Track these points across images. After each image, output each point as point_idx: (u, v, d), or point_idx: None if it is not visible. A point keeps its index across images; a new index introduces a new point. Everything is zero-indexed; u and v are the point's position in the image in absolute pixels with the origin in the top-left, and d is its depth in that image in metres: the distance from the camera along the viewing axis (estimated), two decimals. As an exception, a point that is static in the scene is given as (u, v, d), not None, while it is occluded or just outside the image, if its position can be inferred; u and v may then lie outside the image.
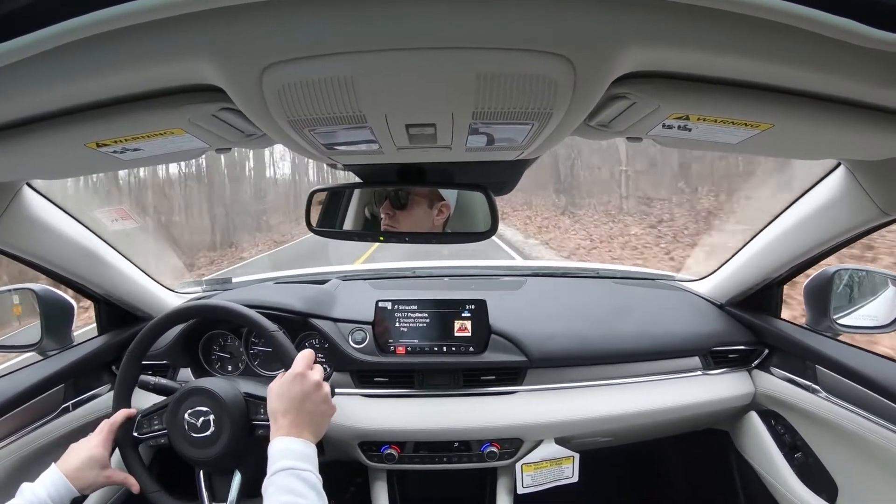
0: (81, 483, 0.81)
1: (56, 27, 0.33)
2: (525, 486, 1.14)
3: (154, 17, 0.33)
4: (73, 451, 0.84)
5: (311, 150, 0.62)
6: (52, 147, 0.57)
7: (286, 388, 0.80)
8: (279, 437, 0.75)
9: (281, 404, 0.78)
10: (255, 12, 0.34)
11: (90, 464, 0.83)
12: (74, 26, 0.33)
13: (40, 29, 0.33)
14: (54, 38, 0.34)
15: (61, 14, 0.33)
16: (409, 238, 0.93)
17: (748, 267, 1.17)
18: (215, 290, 1.42)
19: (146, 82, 0.45)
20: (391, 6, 0.34)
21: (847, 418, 0.94)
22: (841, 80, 0.44)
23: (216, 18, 0.34)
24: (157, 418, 0.92)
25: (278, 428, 0.76)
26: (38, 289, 1.13)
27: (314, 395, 0.80)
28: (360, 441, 1.11)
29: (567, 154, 13.65)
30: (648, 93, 0.48)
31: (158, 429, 0.91)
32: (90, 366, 1.14)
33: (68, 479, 0.79)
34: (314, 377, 0.82)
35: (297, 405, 0.78)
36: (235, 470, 0.87)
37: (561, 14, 0.34)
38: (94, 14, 0.32)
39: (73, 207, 1.01)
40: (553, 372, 1.15)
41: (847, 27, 0.33)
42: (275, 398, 0.79)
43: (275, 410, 0.78)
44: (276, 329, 0.92)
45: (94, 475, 0.83)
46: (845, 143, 0.64)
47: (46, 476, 0.79)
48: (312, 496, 0.69)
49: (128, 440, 0.92)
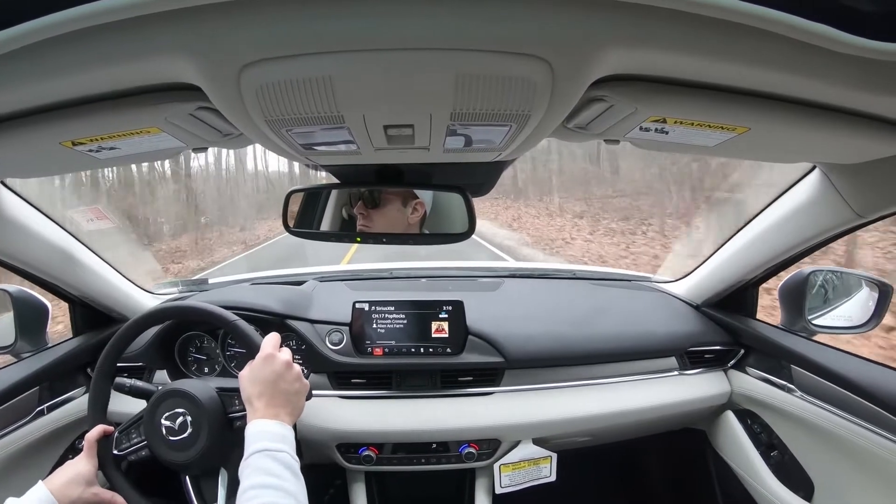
0: (67, 500, 0.79)
1: (29, 24, 0.32)
2: (503, 486, 1.15)
3: (130, 15, 0.32)
4: (62, 469, 0.83)
5: (289, 151, 0.61)
6: (27, 146, 0.56)
7: (257, 371, 0.79)
8: (255, 420, 0.74)
9: (254, 388, 0.77)
10: (233, 10, 0.33)
11: (76, 480, 0.81)
12: (48, 23, 0.32)
13: (13, 26, 0.33)
14: (27, 35, 0.33)
15: (35, 11, 0.32)
16: (386, 239, 0.92)
17: (724, 268, 1.18)
18: (192, 291, 1.41)
19: (122, 80, 0.45)
20: (370, 6, 0.34)
21: (822, 417, 0.96)
22: (817, 85, 0.44)
23: (194, 16, 0.34)
24: (135, 431, 0.90)
25: (254, 411, 0.76)
26: (12, 290, 1.11)
27: (286, 374, 0.80)
28: (338, 443, 1.11)
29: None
30: (626, 96, 0.48)
31: (137, 442, 0.89)
32: (65, 368, 1.13)
33: (54, 496, 0.78)
34: (283, 357, 0.81)
35: (271, 387, 0.78)
36: (221, 468, 0.86)
37: (539, 16, 0.34)
38: (69, 11, 0.32)
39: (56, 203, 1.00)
40: (530, 373, 1.15)
41: (823, 33, 0.33)
42: (247, 383, 0.78)
43: (249, 395, 0.77)
44: (236, 319, 0.91)
45: (80, 491, 0.81)
46: (821, 147, 0.65)
47: (32, 493, 0.77)
48: (287, 475, 0.68)
49: (108, 459, 0.89)
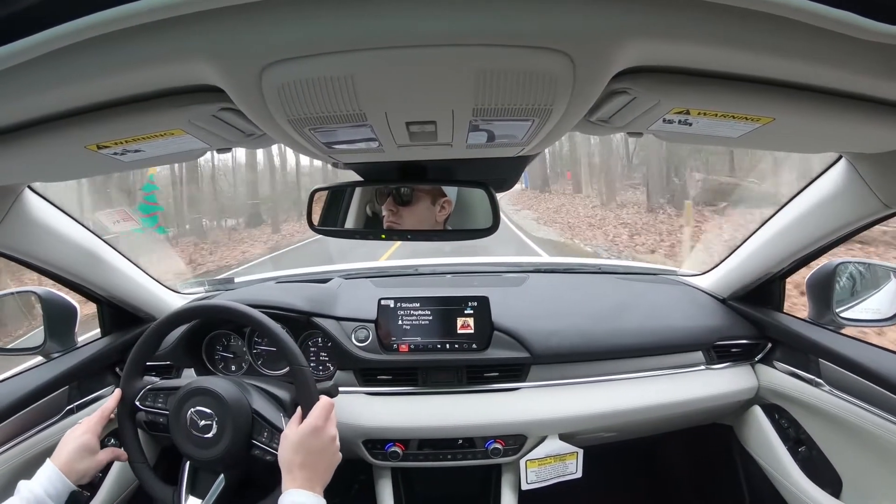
0: (76, 474, 0.81)
1: (55, 30, 0.33)
2: (529, 482, 1.14)
3: (152, 19, 0.33)
4: (64, 442, 0.84)
5: (312, 149, 0.61)
6: (53, 150, 0.57)
7: (305, 441, 0.79)
8: (294, 490, 0.75)
9: (298, 456, 0.78)
10: (252, 12, 0.34)
11: (81, 453, 0.83)
12: (73, 29, 0.33)
13: (39, 32, 0.33)
14: (53, 41, 0.34)
15: (60, 17, 0.33)
16: (411, 235, 0.92)
17: (751, 261, 1.17)
18: (218, 290, 1.42)
19: (146, 84, 0.45)
20: (389, 4, 0.34)
21: (851, 412, 0.94)
22: (841, 73, 0.43)
23: (214, 19, 0.34)
24: (163, 398, 0.93)
25: (293, 479, 0.76)
26: (42, 291, 1.13)
27: (330, 448, 0.81)
28: (365, 439, 1.12)
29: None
30: (649, 88, 0.47)
31: (161, 408, 0.92)
32: (94, 368, 1.14)
33: (62, 472, 0.80)
34: (331, 431, 0.82)
35: (315, 460, 0.79)
36: (221, 474, 0.87)
37: (559, 9, 0.34)
38: (93, 16, 0.32)
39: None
40: (556, 368, 1.15)
41: (847, 20, 0.33)
42: (291, 451, 0.79)
43: (290, 462, 0.78)
44: (305, 365, 0.89)
45: (87, 464, 0.83)
46: (846, 137, 0.64)
47: (42, 472, 0.79)
48: None
49: (127, 408, 0.93)
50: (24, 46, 0.34)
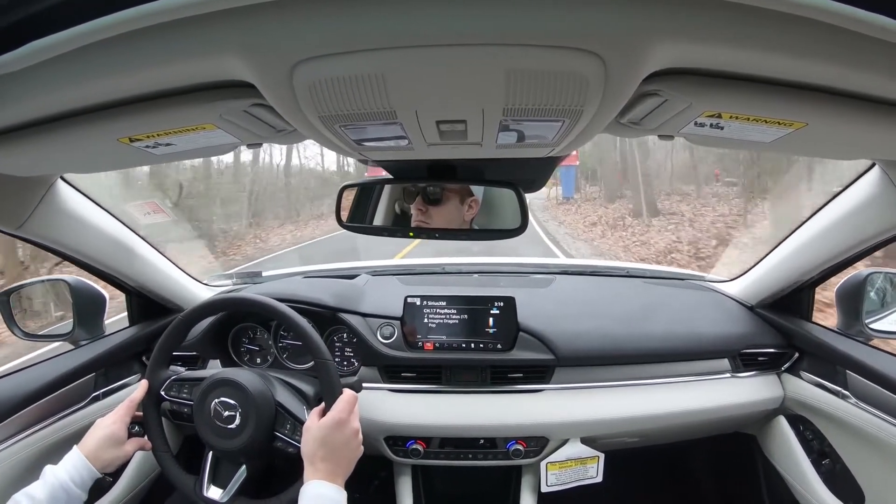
0: (102, 463, 0.82)
1: (92, 24, 0.34)
2: (549, 484, 1.14)
3: (185, 15, 0.33)
4: (92, 431, 0.86)
5: (342, 146, 0.62)
6: (86, 142, 0.57)
7: (327, 434, 0.80)
8: (315, 481, 0.76)
9: (321, 450, 0.78)
10: (284, 8, 0.34)
11: (108, 442, 0.84)
12: (107, 23, 0.34)
13: (75, 26, 0.34)
14: (89, 34, 0.34)
15: (95, 11, 0.33)
16: (440, 234, 0.93)
17: (780, 268, 1.16)
18: (245, 283, 1.43)
19: (178, 78, 0.46)
20: (421, 2, 0.34)
21: (877, 426, 0.93)
22: (876, 79, 0.43)
23: (246, 15, 0.35)
24: (188, 388, 0.94)
25: (315, 471, 0.77)
26: (72, 280, 1.15)
27: (353, 442, 0.82)
28: (386, 436, 1.12)
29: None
30: (680, 90, 0.47)
31: (186, 398, 0.93)
32: (121, 356, 1.16)
33: (89, 461, 0.81)
34: (354, 425, 0.83)
35: (337, 453, 0.79)
36: (244, 465, 0.88)
37: (590, 10, 0.34)
38: (128, 11, 0.33)
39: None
40: (581, 371, 1.15)
41: (882, 24, 0.32)
42: (314, 443, 0.79)
43: (313, 454, 0.78)
44: (330, 359, 0.90)
45: (114, 454, 0.84)
46: (880, 143, 0.63)
47: (68, 458, 0.80)
48: None
49: (152, 397, 0.94)
50: (61, 39, 0.35)
